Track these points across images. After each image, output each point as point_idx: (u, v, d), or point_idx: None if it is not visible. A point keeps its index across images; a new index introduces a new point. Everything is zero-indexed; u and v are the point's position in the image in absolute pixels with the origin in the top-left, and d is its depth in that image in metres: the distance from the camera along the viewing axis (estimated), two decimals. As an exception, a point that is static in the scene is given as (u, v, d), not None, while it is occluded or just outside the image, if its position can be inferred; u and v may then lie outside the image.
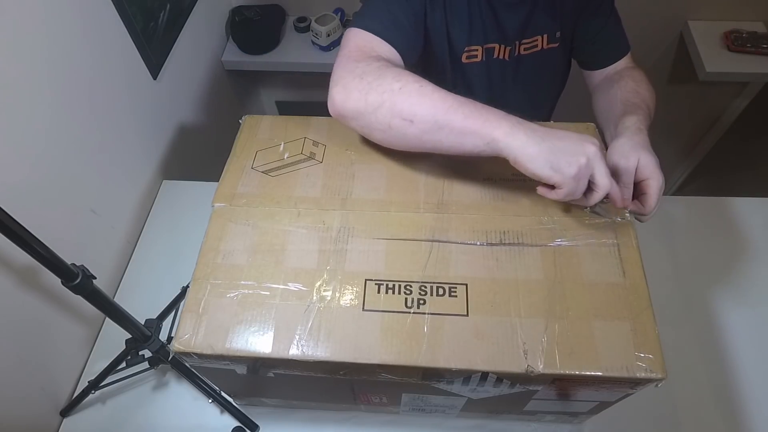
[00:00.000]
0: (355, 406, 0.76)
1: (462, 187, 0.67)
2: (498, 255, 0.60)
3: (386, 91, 0.60)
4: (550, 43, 0.87)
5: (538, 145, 0.55)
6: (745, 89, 1.56)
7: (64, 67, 0.80)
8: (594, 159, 0.55)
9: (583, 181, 0.56)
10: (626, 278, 0.58)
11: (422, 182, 0.68)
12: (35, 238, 0.56)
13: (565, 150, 0.55)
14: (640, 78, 0.83)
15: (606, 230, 0.62)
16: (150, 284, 0.95)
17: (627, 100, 0.77)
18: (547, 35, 0.86)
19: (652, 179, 0.63)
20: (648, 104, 0.76)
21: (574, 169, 0.54)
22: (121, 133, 0.97)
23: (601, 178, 0.56)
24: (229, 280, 0.59)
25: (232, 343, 0.55)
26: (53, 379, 0.82)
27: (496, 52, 0.86)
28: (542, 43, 0.87)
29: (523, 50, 0.87)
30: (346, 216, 0.64)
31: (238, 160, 0.71)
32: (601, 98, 0.85)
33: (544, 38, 0.87)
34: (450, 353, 0.54)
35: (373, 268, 0.60)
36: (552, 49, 0.88)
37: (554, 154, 0.55)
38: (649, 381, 0.53)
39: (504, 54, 0.87)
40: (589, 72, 0.93)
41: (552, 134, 0.56)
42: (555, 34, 0.87)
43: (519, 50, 0.87)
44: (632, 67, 0.88)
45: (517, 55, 0.87)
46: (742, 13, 1.43)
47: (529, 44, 0.87)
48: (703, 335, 0.86)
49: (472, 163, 0.70)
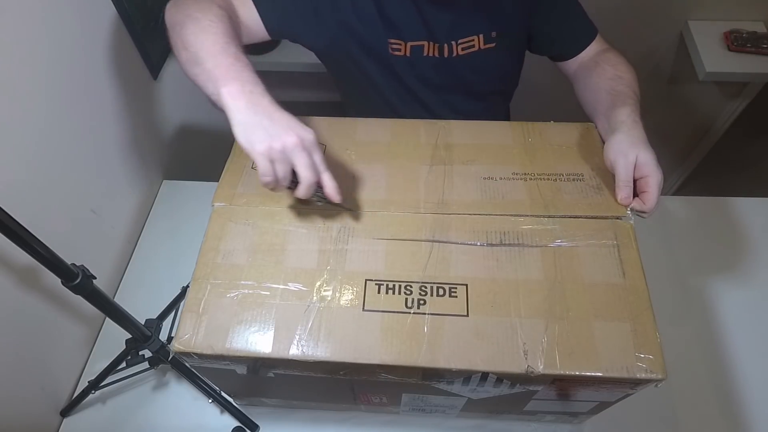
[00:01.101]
0: (355, 406, 0.76)
1: (462, 186, 0.67)
2: (498, 255, 0.60)
3: (188, 16, 0.65)
4: (486, 44, 0.86)
5: (250, 115, 0.56)
6: (745, 89, 1.56)
7: (63, 67, 0.80)
8: (294, 150, 0.55)
9: (279, 166, 0.56)
10: (626, 279, 0.58)
11: (422, 181, 0.68)
12: (35, 238, 0.56)
13: (268, 129, 0.56)
14: (616, 60, 0.81)
15: (606, 231, 0.62)
16: (150, 284, 0.95)
17: (612, 89, 0.75)
18: (482, 35, 0.85)
19: (651, 176, 0.63)
20: (633, 89, 0.75)
21: (263, 147, 0.55)
22: (121, 133, 0.97)
23: (301, 170, 0.56)
24: (229, 280, 0.59)
25: (232, 343, 0.55)
26: (53, 379, 0.82)
27: (426, 50, 0.86)
28: (479, 44, 0.86)
29: (460, 50, 0.86)
30: (346, 216, 0.64)
31: (238, 160, 0.71)
32: (583, 89, 0.83)
33: (480, 38, 0.85)
34: (450, 353, 0.54)
35: (373, 268, 0.60)
36: (489, 49, 0.87)
37: (255, 127, 0.56)
38: (649, 381, 0.53)
39: (434, 52, 0.86)
40: (562, 64, 0.91)
41: (273, 114, 0.57)
42: (491, 34, 0.85)
43: (456, 50, 0.86)
44: (605, 50, 0.86)
45: (455, 56, 0.86)
46: (742, 13, 1.42)
47: (465, 44, 0.86)
48: (703, 335, 0.86)
49: (473, 162, 0.70)
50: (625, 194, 0.64)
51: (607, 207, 0.64)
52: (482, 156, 0.71)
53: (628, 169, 0.63)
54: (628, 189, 0.64)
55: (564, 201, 0.65)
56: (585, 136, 0.74)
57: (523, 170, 0.69)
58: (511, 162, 0.70)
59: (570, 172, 0.69)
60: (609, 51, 0.85)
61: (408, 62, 0.87)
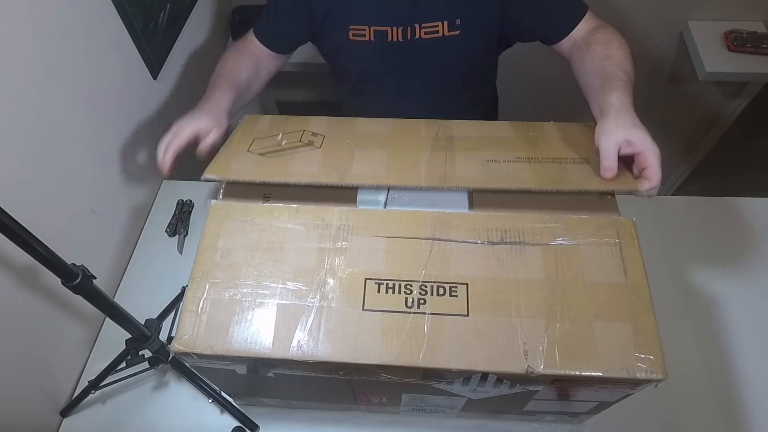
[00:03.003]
0: (355, 406, 0.76)
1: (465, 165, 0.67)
2: (499, 254, 0.60)
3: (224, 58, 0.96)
4: (450, 31, 0.86)
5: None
6: (745, 89, 1.56)
7: (63, 67, 0.80)
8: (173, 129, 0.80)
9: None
10: (627, 278, 0.57)
11: (423, 163, 0.68)
12: (35, 238, 0.56)
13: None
14: (606, 38, 0.80)
15: (608, 229, 0.61)
16: (150, 284, 0.95)
17: (602, 71, 0.75)
18: (447, 22, 0.85)
19: (647, 151, 0.63)
20: (624, 67, 0.74)
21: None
22: (121, 133, 0.97)
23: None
24: (228, 279, 0.59)
25: (232, 343, 0.55)
26: (53, 379, 0.82)
27: (390, 35, 0.87)
28: (443, 30, 0.86)
29: (423, 34, 0.87)
30: (345, 213, 0.64)
31: (235, 146, 0.72)
32: (577, 73, 0.83)
33: (444, 25, 0.86)
34: (450, 353, 0.54)
35: (373, 267, 0.59)
36: (453, 37, 0.87)
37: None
38: (650, 381, 0.53)
39: (397, 36, 0.87)
40: (556, 47, 0.90)
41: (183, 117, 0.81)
42: (455, 22, 0.85)
43: (419, 33, 0.87)
44: (596, 28, 0.84)
45: (416, 38, 0.87)
46: (742, 13, 1.42)
47: (429, 29, 0.86)
48: (704, 335, 0.86)
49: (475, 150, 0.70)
50: (605, 165, 0.64)
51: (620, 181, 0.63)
52: (484, 145, 0.71)
53: (609, 144, 0.64)
54: (608, 161, 0.64)
55: (571, 179, 0.65)
56: (587, 133, 0.73)
57: (526, 155, 0.69)
58: (515, 150, 0.70)
59: (575, 156, 0.69)
60: (601, 28, 0.83)
61: (370, 47, 0.89)
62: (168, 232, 1.01)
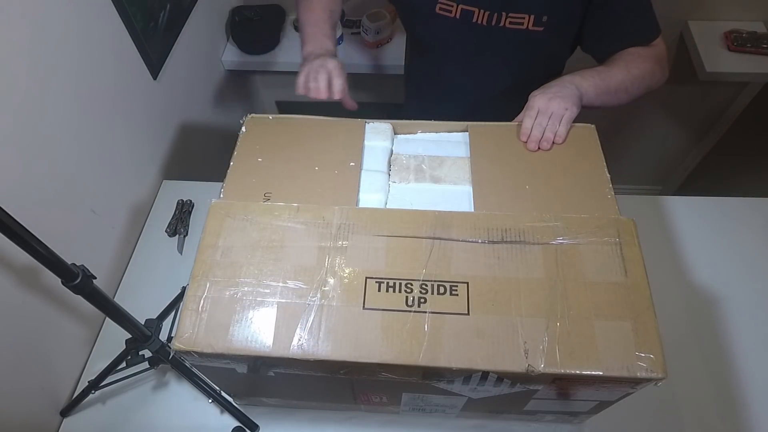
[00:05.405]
0: (355, 405, 0.76)
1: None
2: (499, 253, 0.60)
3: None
4: (535, 26, 0.86)
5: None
6: (745, 89, 1.56)
7: (63, 67, 0.80)
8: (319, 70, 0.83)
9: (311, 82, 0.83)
10: (628, 277, 0.58)
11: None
12: (35, 238, 0.56)
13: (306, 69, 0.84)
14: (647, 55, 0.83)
15: (608, 228, 0.61)
16: (150, 284, 0.95)
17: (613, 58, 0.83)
18: (534, 16, 0.85)
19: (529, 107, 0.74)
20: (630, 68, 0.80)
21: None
22: (121, 133, 0.97)
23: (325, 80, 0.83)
24: (228, 277, 0.59)
25: (233, 342, 0.55)
26: (53, 379, 0.82)
27: (476, 16, 0.87)
28: (528, 23, 0.86)
29: (508, 23, 0.87)
30: (345, 212, 0.64)
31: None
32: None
33: (531, 18, 0.86)
34: (450, 352, 0.54)
35: (373, 265, 0.59)
36: (536, 32, 0.87)
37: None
38: (650, 380, 0.53)
39: (483, 19, 0.87)
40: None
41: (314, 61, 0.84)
42: (541, 18, 0.85)
43: (504, 21, 0.87)
44: (654, 47, 0.86)
45: (500, 26, 0.87)
46: (742, 13, 1.42)
47: (515, 19, 0.86)
48: (704, 335, 0.86)
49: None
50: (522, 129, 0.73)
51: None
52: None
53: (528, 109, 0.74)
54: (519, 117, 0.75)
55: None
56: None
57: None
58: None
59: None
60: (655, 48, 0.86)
61: (454, 24, 0.89)
62: (168, 232, 1.01)
